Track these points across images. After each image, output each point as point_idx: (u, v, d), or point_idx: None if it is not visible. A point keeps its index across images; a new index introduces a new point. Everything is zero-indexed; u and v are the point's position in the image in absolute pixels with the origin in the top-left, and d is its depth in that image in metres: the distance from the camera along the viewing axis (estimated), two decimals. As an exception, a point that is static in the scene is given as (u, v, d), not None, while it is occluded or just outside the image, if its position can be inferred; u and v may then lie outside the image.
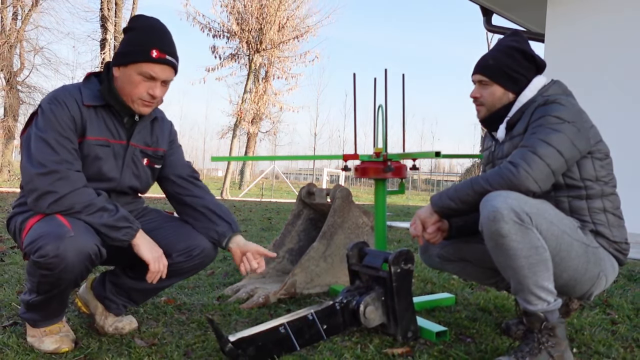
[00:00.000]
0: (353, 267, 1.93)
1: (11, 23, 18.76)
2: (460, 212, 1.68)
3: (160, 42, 1.63)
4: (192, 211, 1.82)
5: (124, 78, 1.64)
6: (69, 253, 1.45)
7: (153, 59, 1.61)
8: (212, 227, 1.78)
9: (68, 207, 1.54)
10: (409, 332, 1.81)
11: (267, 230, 5.30)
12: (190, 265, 1.76)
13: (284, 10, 18.42)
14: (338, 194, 2.58)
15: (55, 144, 1.55)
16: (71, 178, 1.55)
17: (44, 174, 1.52)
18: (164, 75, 1.65)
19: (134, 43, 1.63)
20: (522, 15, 7.08)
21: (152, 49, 1.60)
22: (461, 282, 2.85)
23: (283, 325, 1.64)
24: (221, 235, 1.76)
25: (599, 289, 1.67)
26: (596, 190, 1.66)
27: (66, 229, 1.48)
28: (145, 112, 1.71)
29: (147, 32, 1.64)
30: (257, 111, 19.25)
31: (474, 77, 1.84)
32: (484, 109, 1.83)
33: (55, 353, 1.62)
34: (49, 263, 1.45)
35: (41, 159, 1.53)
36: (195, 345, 1.73)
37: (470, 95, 1.86)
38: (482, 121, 1.88)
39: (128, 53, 1.63)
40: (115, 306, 1.83)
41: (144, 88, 1.64)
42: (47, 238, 1.45)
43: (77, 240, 1.47)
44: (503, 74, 1.77)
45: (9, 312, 2.02)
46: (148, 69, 1.61)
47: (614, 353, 1.75)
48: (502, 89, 1.78)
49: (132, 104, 1.67)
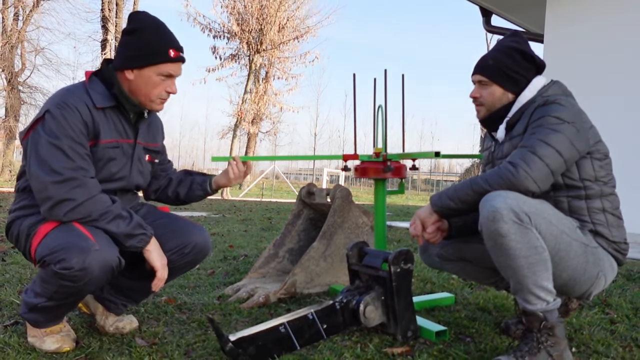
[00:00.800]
0: (353, 267, 1.94)
1: (12, 23, 18.80)
2: (459, 212, 1.68)
3: (174, 41, 1.68)
4: (175, 181, 2.00)
5: (140, 80, 1.65)
6: (94, 266, 1.46)
7: (172, 58, 1.65)
8: (194, 182, 1.97)
9: (85, 214, 1.53)
10: (409, 332, 1.81)
11: (267, 230, 5.31)
12: (182, 263, 1.77)
13: (284, 11, 18.45)
14: (338, 194, 2.59)
15: (69, 150, 1.54)
16: (88, 185, 1.55)
17: (60, 182, 1.51)
18: (179, 72, 1.71)
19: (147, 45, 1.63)
20: (522, 16, 7.09)
21: (169, 49, 1.64)
22: (461, 281, 2.85)
23: (283, 325, 1.64)
24: (202, 183, 1.97)
25: (598, 288, 1.67)
26: (595, 190, 1.66)
27: (90, 242, 1.48)
28: (161, 109, 1.77)
29: (159, 32, 1.66)
30: (258, 111, 19.28)
31: (474, 77, 1.85)
32: (483, 109, 1.83)
33: (57, 352, 1.62)
34: (74, 276, 1.45)
35: (55, 167, 1.51)
36: (196, 345, 1.74)
37: (469, 95, 1.86)
38: (482, 121, 1.88)
39: (145, 55, 1.63)
40: (114, 306, 1.83)
41: (163, 87, 1.68)
42: (72, 250, 1.45)
43: (102, 254, 1.48)
44: (502, 74, 1.78)
45: (10, 312, 2.02)
46: (168, 69, 1.66)
47: (613, 352, 1.76)
48: (501, 89, 1.79)
49: (151, 103, 1.69)
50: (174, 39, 1.69)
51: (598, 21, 5.37)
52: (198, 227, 1.81)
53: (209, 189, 1.97)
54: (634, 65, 5.05)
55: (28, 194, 1.64)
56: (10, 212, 1.69)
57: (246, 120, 18.79)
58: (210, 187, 1.97)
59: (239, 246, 4.04)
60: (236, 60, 19.09)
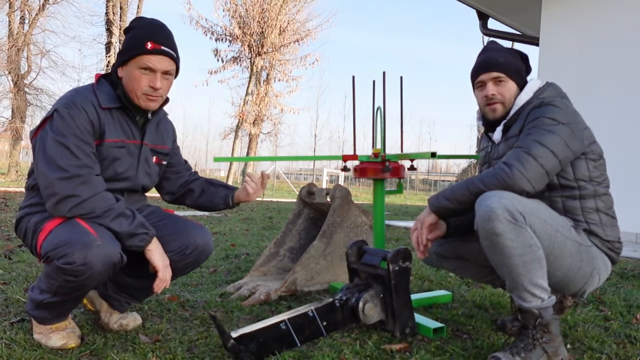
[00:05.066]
0: (352, 265, 1.95)
1: (19, 27, 18.88)
2: (457, 212, 1.69)
3: (154, 35, 1.67)
4: (197, 191, 2.00)
5: (127, 76, 1.68)
6: (96, 261, 1.49)
7: (148, 50, 1.64)
8: (217, 196, 1.98)
9: (89, 211, 1.56)
10: (407, 329, 1.83)
11: (268, 229, 5.33)
12: (184, 264, 1.79)
13: (284, 14, 18.51)
14: (337, 194, 2.61)
15: (75, 148, 1.57)
16: (93, 182, 1.58)
17: (66, 178, 1.54)
18: (162, 65, 1.67)
19: (131, 41, 1.67)
20: (517, 19, 7.12)
21: (146, 42, 1.64)
22: (458, 279, 2.87)
23: (284, 322, 1.65)
24: (225, 198, 1.97)
25: (592, 286, 1.69)
26: (589, 190, 1.68)
27: (93, 237, 1.50)
28: (152, 107, 1.73)
29: (143, 29, 1.68)
30: (259, 113, 19.32)
31: (486, 75, 1.79)
32: (500, 107, 1.79)
33: (62, 349, 1.64)
34: (76, 270, 1.48)
35: (62, 164, 1.55)
36: (199, 341, 1.75)
37: (485, 94, 1.80)
38: (490, 122, 1.85)
39: (126, 50, 1.67)
40: (118, 303, 1.86)
41: (145, 81, 1.67)
42: (74, 245, 1.48)
43: (104, 249, 1.50)
44: (515, 71, 1.79)
45: (16, 309, 2.04)
46: (145, 61, 1.65)
47: (607, 349, 1.78)
48: (516, 86, 1.79)
49: (138, 100, 1.70)
50: (156, 33, 1.68)
51: (592, 24, 5.38)
52: (200, 227, 1.83)
53: (231, 203, 1.97)
54: (628, 66, 5.06)
55: (37, 192, 1.66)
56: (20, 208, 1.72)
57: (248, 122, 18.84)
58: (232, 202, 1.97)
59: (240, 245, 4.06)
60: (238, 62, 19.17)
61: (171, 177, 1.98)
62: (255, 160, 2.42)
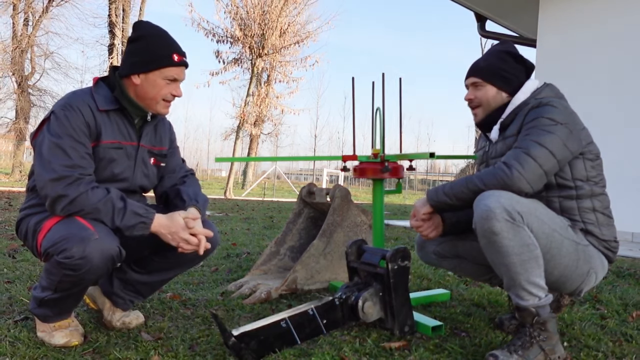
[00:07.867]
0: (352, 264, 1.96)
1: (22, 29, 19.00)
2: (454, 208, 1.71)
3: (177, 47, 1.75)
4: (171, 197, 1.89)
5: (146, 84, 1.72)
6: (94, 255, 1.51)
7: (176, 62, 1.72)
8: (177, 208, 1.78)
9: (79, 209, 1.58)
10: (406, 327, 1.84)
11: (269, 229, 5.35)
12: (192, 255, 1.76)
13: (285, 16, 18.56)
14: (337, 194, 2.62)
15: (69, 149, 1.60)
16: (81, 182, 1.59)
17: (55, 179, 1.57)
18: (183, 75, 1.78)
19: (153, 51, 1.71)
20: (515, 21, 7.15)
21: (172, 54, 1.72)
22: (456, 278, 2.88)
23: (284, 320, 1.66)
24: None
25: (588, 285, 1.70)
26: (586, 190, 1.69)
27: (90, 232, 1.53)
28: (167, 113, 1.82)
29: (162, 39, 1.74)
30: (260, 114, 19.38)
31: (467, 80, 1.87)
32: (480, 111, 1.85)
33: (65, 347, 1.65)
34: (75, 264, 1.51)
35: (54, 165, 1.58)
36: (200, 339, 1.77)
37: (464, 98, 1.88)
38: (479, 124, 1.90)
39: (150, 60, 1.70)
40: (122, 301, 1.88)
41: (168, 90, 1.75)
42: (72, 240, 1.51)
43: (101, 243, 1.53)
44: (495, 74, 1.81)
45: (20, 307, 2.06)
46: (172, 73, 1.73)
47: (603, 347, 1.79)
48: (495, 88, 1.81)
49: (156, 105, 1.75)
50: (177, 45, 1.77)
51: (590, 26, 5.40)
52: (207, 222, 1.82)
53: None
54: (625, 68, 5.08)
55: (37, 193, 1.68)
56: (20, 210, 1.74)
57: (248, 122, 18.88)
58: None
59: (241, 244, 4.07)
60: (239, 64, 19.22)
61: (165, 177, 1.97)
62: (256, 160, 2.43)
